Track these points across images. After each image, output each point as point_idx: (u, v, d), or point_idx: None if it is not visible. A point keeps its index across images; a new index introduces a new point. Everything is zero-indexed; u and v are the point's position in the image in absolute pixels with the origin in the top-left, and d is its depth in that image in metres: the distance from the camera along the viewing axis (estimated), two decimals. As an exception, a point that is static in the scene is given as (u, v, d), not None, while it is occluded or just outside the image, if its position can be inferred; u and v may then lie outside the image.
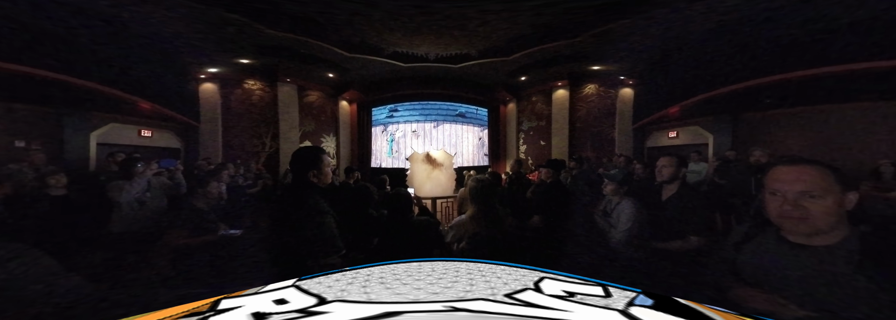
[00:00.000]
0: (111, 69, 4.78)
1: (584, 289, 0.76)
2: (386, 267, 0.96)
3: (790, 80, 4.85)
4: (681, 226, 2.06)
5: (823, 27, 4.01)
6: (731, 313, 0.68)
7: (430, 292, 0.77)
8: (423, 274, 0.90)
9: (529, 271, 0.92)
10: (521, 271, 0.92)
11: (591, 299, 0.71)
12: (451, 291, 0.77)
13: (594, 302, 0.69)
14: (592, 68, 6.29)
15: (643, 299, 0.71)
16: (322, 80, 6.78)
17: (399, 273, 0.91)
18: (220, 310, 0.73)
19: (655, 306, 0.67)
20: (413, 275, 0.89)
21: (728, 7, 4.14)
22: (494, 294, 0.75)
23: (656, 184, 2.34)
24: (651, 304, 0.67)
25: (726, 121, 5.69)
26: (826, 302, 0.83)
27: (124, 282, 2.10)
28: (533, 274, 0.88)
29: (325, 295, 0.76)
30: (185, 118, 5.93)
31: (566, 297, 0.71)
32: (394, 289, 0.78)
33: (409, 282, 0.83)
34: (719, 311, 0.68)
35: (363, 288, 0.79)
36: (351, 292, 0.78)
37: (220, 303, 0.76)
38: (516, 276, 0.87)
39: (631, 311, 0.65)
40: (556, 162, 3.58)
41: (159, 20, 4.36)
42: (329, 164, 1.65)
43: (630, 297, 0.72)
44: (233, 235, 2.66)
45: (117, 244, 2.81)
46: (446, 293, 0.76)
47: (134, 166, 3.27)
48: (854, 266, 0.86)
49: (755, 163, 3.35)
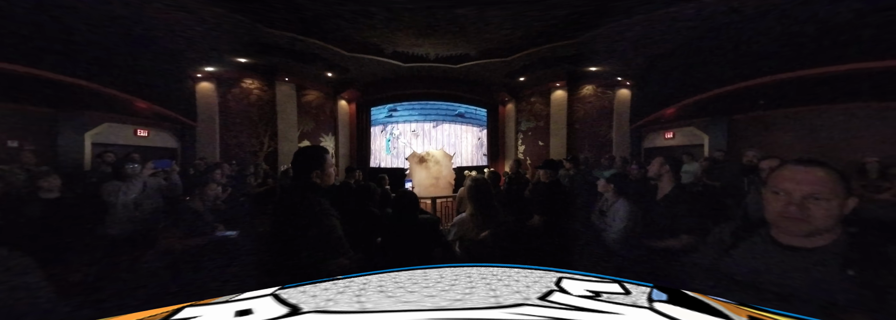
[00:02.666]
0: (106, 67, 4.68)
1: (604, 288, 0.77)
2: (387, 274, 0.90)
3: (783, 80, 4.93)
4: (674, 224, 2.11)
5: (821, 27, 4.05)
6: (734, 304, 0.70)
7: (449, 299, 0.71)
8: (431, 281, 0.83)
9: (544, 272, 0.90)
10: (536, 273, 0.90)
11: (615, 297, 0.72)
12: (474, 298, 0.71)
13: (620, 300, 0.70)
14: (590, 69, 6.33)
15: (658, 294, 0.74)
16: (321, 80, 6.72)
17: (402, 280, 0.84)
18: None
19: (670, 300, 0.69)
20: (419, 282, 0.83)
21: (725, 7, 4.19)
22: (527, 298, 0.72)
23: (652, 184, 2.40)
24: (666, 299, 0.70)
25: (721, 122, 5.76)
26: (813, 302, 0.82)
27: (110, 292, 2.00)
28: (549, 276, 0.87)
29: (303, 306, 0.69)
30: (181, 117, 5.84)
31: (594, 297, 0.71)
32: (399, 298, 0.72)
33: (416, 290, 0.77)
34: (725, 303, 0.69)
35: (383, 294, 0.73)
36: (339, 301, 0.70)
37: (180, 312, 0.71)
38: (534, 279, 0.85)
39: (656, 307, 0.67)
40: (553, 162, 3.62)
41: (156, 17, 4.28)
42: (332, 164, 1.62)
43: (646, 292, 0.74)
44: (228, 237, 2.58)
45: (111, 249, 2.67)
46: (469, 300, 0.70)
47: (125, 167, 3.13)
48: (842, 266, 0.87)
49: (748, 163, 3.35)
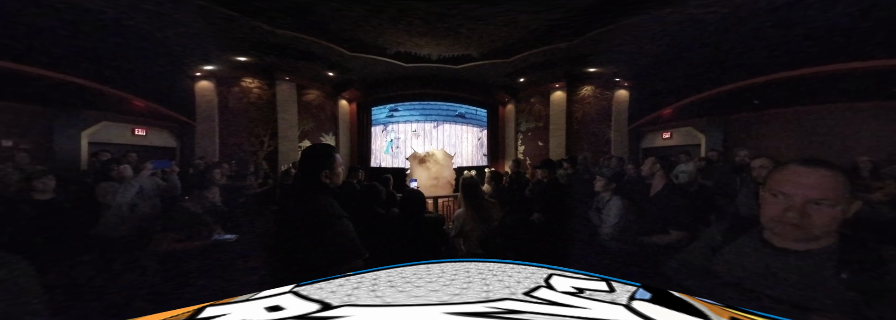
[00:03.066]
0: (104, 66, 4.66)
1: (590, 285, 0.82)
2: (393, 270, 0.93)
3: (779, 80, 4.98)
4: (665, 221, 2.21)
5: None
6: (719, 305, 0.72)
7: (449, 293, 0.76)
8: (434, 276, 0.88)
9: (538, 268, 0.95)
10: (530, 269, 0.95)
11: (597, 294, 0.76)
12: (470, 292, 0.76)
13: (601, 297, 0.75)
14: (589, 70, 6.38)
15: (642, 293, 0.77)
16: (322, 79, 6.73)
17: (408, 276, 0.88)
18: (202, 319, 0.68)
19: (653, 299, 0.73)
20: (423, 277, 0.87)
21: (721, 8, 4.22)
22: (514, 293, 0.77)
23: (646, 183, 2.48)
24: (649, 298, 0.74)
25: (718, 122, 5.82)
26: (806, 305, 0.82)
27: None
28: (542, 272, 0.91)
29: (330, 301, 0.72)
30: (180, 116, 5.85)
31: (576, 293, 0.77)
32: (409, 292, 0.77)
33: (421, 285, 0.81)
34: (710, 304, 0.72)
35: (372, 292, 0.76)
36: (359, 296, 0.74)
37: (202, 311, 0.71)
38: (526, 274, 0.90)
39: (633, 305, 0.71)
40: (551, 162, 3.71)
41: (155, 15, 4.27)
42: (341, 163, 1.58)
43: (631, 291, 0.78)
44: (227, 240, 2.52)
45: (105, 250, 2.61)
46: (467, 294, 0.75)
47: (119, 166, 3.09)
48: (834, 269, 0.84)
49: (740, 162, 3.42)
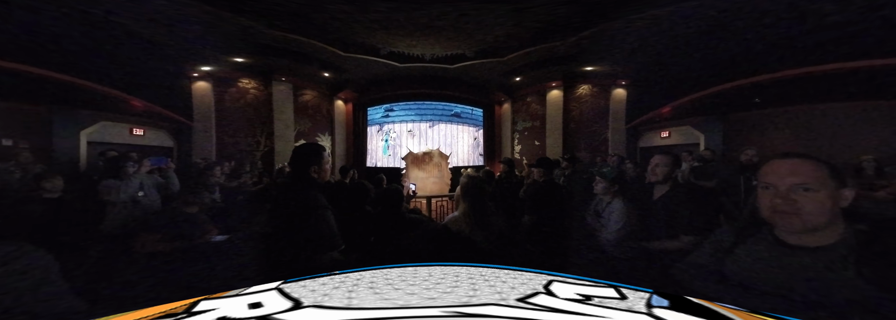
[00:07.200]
0: (102, 66, 4.67)
1: (597, 292, 0.75)
2: (378, 271, 0.91)
3: (779, 79, 4.95)
4: (673, 225, 2.02)
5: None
6: (743, 310, 0.67)
7: (425, 297, 0.70)
8: (419, 279, 0.83)
9: (535, 274, 0.88)
10: (527, 275, 0.88)
11: (609, 302, 0.70)
12: (451, 296, 0.70)
13: (614, 304, 0.68)
14: (586, 69, 6.33)
15: (658, 300, 0.71)
16: (317, 80, 6.72)
17: (392, 278, 0.85)
18: (196, 312, 0.69)
19: (672, 306, 0.67)
20: (407, 280, 0.83)
21: (719, 6, 4.19)
22: (504, 298, 0.70)
23: (648, 184, 2.32)
24: (668, 305, 0.67)
25: (717, 121, 5.79)
26: (822, 304, 0.80)
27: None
28: (540, 278, 0.85)
29: (304, 300, 0.71)
30: (178, 116, 5.84)
31: (583, 300, 0.70)
32: (383, 295, 0.73)
33: (401, 287, 0.77)
34: (733, 310, 0.67)
35: (349, 293, 0.74)
36: (333, 296, 0.72)
37: (197, 305, 0.73)
38: (522, 280, 0.83)
39: (655, 313, 0.65)
40: (548, 161, 3.50)
41: (153, 16, 4.26)
42: (328, 161, 1.68)
43: (645, 298, 0.72)
44: (219, 241, 2.58)
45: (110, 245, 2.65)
46: (445, 298, 0.69)
47: (126, 165, 3.19)
48: (851, 266, 0.84)
49: (747, 162, 3.27)
